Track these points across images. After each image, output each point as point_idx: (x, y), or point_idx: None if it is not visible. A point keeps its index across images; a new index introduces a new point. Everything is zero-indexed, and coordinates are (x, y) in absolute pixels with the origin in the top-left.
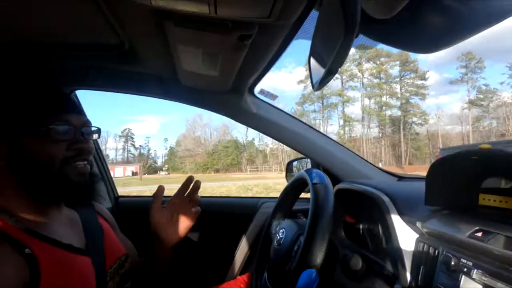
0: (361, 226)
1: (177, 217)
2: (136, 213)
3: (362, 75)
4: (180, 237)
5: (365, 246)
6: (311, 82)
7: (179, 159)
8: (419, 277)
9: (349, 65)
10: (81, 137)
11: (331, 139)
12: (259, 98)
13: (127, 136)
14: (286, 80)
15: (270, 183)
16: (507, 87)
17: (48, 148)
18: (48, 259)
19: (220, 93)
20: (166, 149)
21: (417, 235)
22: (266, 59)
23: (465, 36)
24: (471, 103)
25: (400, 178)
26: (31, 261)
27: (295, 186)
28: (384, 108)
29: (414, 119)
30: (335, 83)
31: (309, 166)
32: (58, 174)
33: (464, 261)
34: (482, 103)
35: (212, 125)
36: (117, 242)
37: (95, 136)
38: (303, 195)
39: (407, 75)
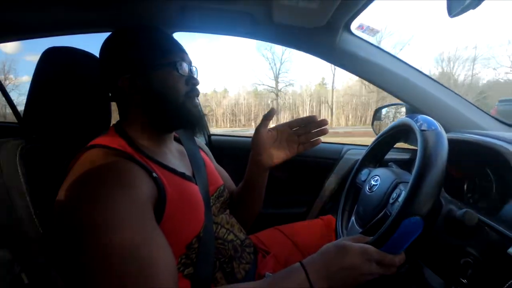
0: (467, 182)
1: (278, 144)
2: (226, 150)
3: None
4: (272, 163)
5: (469, 204)
6: (448, 6)
7: None
8: None
9: None
10: (192, 73)
11: (438, 82)
12: (356, 36)
13: None
14: None
15: None
16: None
17: (174, 82)
18: (170, 184)
19: (313, 30)
20: None
21: None
22: None
23: None
24: None
25: None
26: (158, 184)
27: (392, 134)
28: None
29: None
30: None
31: (404, 114)
32: (182, 106)
33: None
34: None
35: None
36: (215, 173)
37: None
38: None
39: None
